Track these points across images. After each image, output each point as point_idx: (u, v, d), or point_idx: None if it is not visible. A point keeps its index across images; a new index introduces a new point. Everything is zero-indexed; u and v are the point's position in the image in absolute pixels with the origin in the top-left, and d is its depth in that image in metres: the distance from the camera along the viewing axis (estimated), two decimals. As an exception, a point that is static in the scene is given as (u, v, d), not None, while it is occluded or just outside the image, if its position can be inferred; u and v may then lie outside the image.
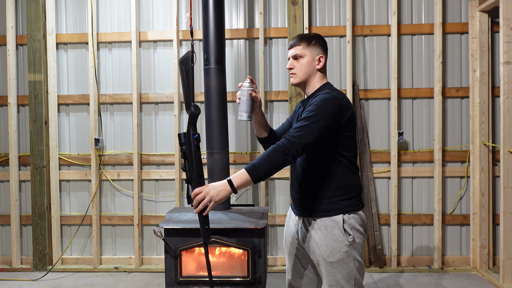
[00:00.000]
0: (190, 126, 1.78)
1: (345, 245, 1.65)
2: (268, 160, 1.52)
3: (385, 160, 3.62)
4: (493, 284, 3.21)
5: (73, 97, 3.75)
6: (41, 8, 3.61)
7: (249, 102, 1.75)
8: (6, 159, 3.77)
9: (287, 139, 1.54)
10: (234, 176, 1.53)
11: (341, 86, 3.64)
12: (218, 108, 3.10)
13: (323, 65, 1.75)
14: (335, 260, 1.66)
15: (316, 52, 1.74)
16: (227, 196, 1.52)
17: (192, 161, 1.75)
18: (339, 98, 1.63)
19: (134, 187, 3.66)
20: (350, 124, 1.68)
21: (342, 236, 1.65)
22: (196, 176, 1.73)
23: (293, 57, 1.75)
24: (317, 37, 1.76)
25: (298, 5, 3.51)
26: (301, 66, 1.73)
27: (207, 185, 1.54)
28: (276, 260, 3.69)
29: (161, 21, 3.72)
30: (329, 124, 1.59)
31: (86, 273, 3.62)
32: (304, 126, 1.56)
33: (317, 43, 1.74)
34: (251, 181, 1.52)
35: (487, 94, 3.47)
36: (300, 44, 1.73)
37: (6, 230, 3.82)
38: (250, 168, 1.52)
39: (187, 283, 2.93)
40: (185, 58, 1.86)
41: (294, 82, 1.77)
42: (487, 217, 3.47)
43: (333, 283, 1.68)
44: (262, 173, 1.52)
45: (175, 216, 2.99)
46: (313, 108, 1.59)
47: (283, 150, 1.52)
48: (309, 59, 1.73)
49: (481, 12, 3.45)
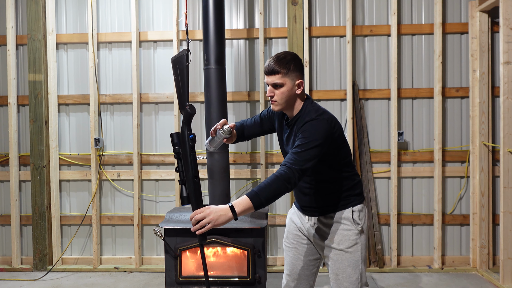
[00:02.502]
0: (184, 126, 1.78)
1: (354, 233, 1.78)
2: (270, 189, 1.57)
3: (385, 160, 3.62)
4: (493, 284, 3.21)
5: (73, 97, 3.75)
6: (41, 8, 3.61)
7: (220, 143, 1.93)
8: (6, 159, 3.77)
9: (288, 167, 1.60)
10: (236, 202, 1.56)
11: (341, 86, 3.64)
12: (218, 108, 3.10)
13: (302, 89, 1.77)
14: (344, 247, 1.77)
15: (295, 77, 1.74)
16: (227, 221, 1.55)
17: (187, 162, 1.74)
18: (327, 120, 1.70)
19: (134, 187, 3.66)
20: (341, 136, 1.77)
21: (351, 225, 1.79)
22: (191, 177, 1.73)
23: (272, 85, 1.75)
24: (293, 59, 1.74)
25: (298, 5, 3.51)
26: (282, 94, 1.74)
27: (208, 207, 1.56)
28: (276, 260, 3.69)
29: (161, 21, 3.72)
30: (324, 146, 1.66)
31: (86, 273, 3.62)
32: (302, 152, 1.62)
33: (294, 68, 1.73)
34: (253, 208, 1.57)
35: (487, 94, 3.47)
36: (279, 72, 1.71)
37: (6, 230, 3.82)
38: (253, 196, 1.56)
39: (187, 283, 2.93)
40: (179, 57, 1.84)
41: (276, 109, 1.80)
42: (487, 217, 3.48)
43: (340, 271, 1.79)
44: (264, 200, 1.57)
45: (175, 216, 2.99)
46: (307, 135, 1.65)
47: (285, 178, 1.58)
48: (289, 87, 1.73)
49: (481, 12, 3.45)
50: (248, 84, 3.69)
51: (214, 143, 1.93)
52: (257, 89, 3.66)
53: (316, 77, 3.66)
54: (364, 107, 3.64)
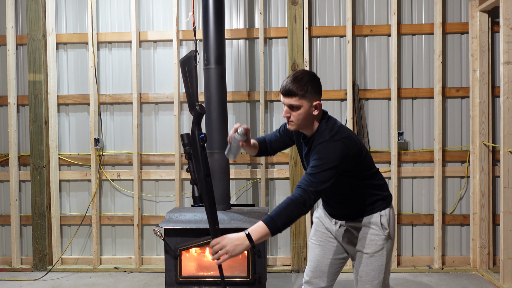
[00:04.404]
0: (195, 126, 1.77)
1: (382, 238, 1.80)
2: (286, 213, 1.56)
3: (385, 160, 3.62)
4: (493, 284, 3.21)
5: (73, 97, 3.74)
6: (41, 8, 3.60)
7: (238, 148, 1.85)
8: (6, 159, 3.77)
9: (302, 189, 1.59)
10: (252, 229, 1.55)
11: (341, 86, 3.64)
12: (218, 108, 3.11)
13: (319, 111, 1.74)
14: (371, 251, 1.79)
15: (312, 99, 1.70)
16: (244, 250, 1.54)
17: (198, 162, 1.74)
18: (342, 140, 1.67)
19: (134, 187, 3.66)
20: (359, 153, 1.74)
21: (379, 230, 1.80)
22: (203, 177, 1.73)
23: (289, 107, 1.71)
24: (311, 81, 1.69)
25: (298, 5, 3.51)
26: (298, 116, 1.70)
27: (224, 237, 1.55)
28: (276, 260, 3.69)
29: (161, 21, 3.71)
30: (339, 168, 1.64)
31: (86, 273, 3.62)
32: (316, 174, 1.60)
33: (312, 90, 1.68)
34: (270, 234, 1.56)
35: (487, 94, 3.47)
36: (297, 95, 1.67)
37: (6, 230, 3.82)
38: (269, 221, 1.55)
39: (187, 283, 2.93)
40: (187, 58, 1.86)
41: (292, 129, 1.78)
42: (487, 217, 3.47)
43: (363, 274, 1.82)
44: (280, 225, 1.55)
45: (175, 216, 2.99)
46: (321, 156, 1.63)
47: (301, 201, 1.57)
48: (305, 109, 1.69)
49: (481, 12, 3.44)
50: (248, 84, 3.69)
51: (232, 149, 1.86)
52: (257, 89, 3.66)
53: (316, 77, 3.65)
54: (364, 107, 3.64)
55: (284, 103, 1.71)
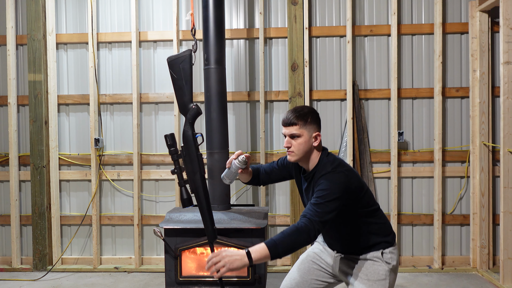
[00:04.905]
0: (188, 126, 1.77)
1: (384, 269, 1.77)
2: (290, 240, 1.56)
3: (385, 160, 3.62)
4: (493, 284, 3.21)
5: (73, 97, 3.75)
6: (41, 8, 3.60)
7: (235, 175, 1.89)
8: (6, 159, 3.77)
9: (308, 218, 1.60)
10: (253, 249, 1.55)
11: (341, 86, 3.64)
12: (218, 108, 3.11)
13: (319, 142, 1.79)
14: (373, 279, 1.76)
15: (312, 129, 1.77)
16: (242, 267, 1.54)
17: (194, 163, 1.74)
18: (344, 172, 1.71)
19: (134, 187, 3.66)
20: (359, 187, 1.75)
21: (381, 262, 1.78)
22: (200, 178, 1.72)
23: (290, 136, 1.77)
24: (311, 112, 1.79)
25: (298, 5, 3.51)
26: (299, 145, 1.76)
27: (224, 249, 1.57)
28: (276, 260, 3.69)
29: (161, 21, 3.72)
30: (342, 199, 1.67)
31: (86, 273, 3.62)
32: (321, 204, 1.63)
33: (312, 121, 1.77)
34: (269, 257, 1.56)
35: (487, 94, 3.47)
36: (297, 124, 1.75)
37: (6, 230, 3.82)
38: (271, 245, 1.55)
39: (187, 283, 2.93)
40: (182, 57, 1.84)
41: (292, 160, 1.80)
42: (487, 217, 3.47)
43: None
44: (281, 251, 1.56)
45: (175, 216, 2.99)
46: (326, 187, 1.66)
47: (306, 231, 1.58)
48: (306, 138, 1.76)
49: (481, 12, 3.44)
50: (248, 84, 3.69)
51: (229, 174, 1.89)
52: (257, 89, 3.66)
53: (316, 77, 3.66)
54: (364, 107, 3.64)
55: (285, 133, 1.78)
